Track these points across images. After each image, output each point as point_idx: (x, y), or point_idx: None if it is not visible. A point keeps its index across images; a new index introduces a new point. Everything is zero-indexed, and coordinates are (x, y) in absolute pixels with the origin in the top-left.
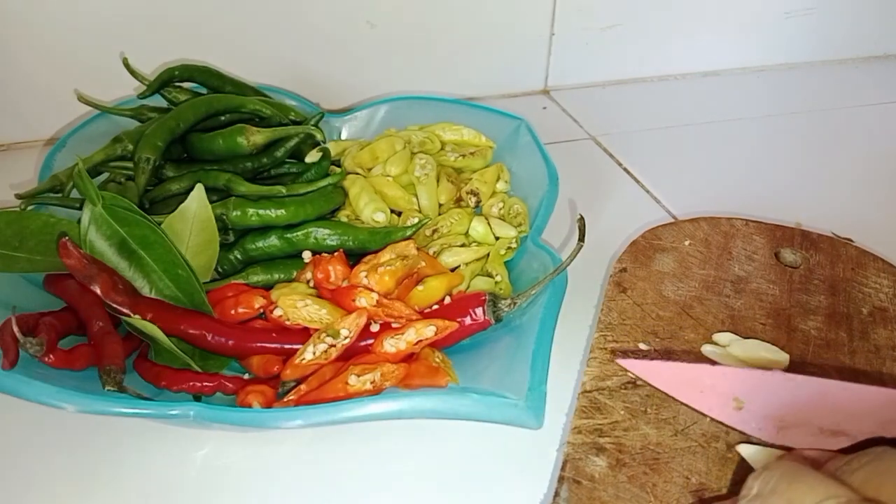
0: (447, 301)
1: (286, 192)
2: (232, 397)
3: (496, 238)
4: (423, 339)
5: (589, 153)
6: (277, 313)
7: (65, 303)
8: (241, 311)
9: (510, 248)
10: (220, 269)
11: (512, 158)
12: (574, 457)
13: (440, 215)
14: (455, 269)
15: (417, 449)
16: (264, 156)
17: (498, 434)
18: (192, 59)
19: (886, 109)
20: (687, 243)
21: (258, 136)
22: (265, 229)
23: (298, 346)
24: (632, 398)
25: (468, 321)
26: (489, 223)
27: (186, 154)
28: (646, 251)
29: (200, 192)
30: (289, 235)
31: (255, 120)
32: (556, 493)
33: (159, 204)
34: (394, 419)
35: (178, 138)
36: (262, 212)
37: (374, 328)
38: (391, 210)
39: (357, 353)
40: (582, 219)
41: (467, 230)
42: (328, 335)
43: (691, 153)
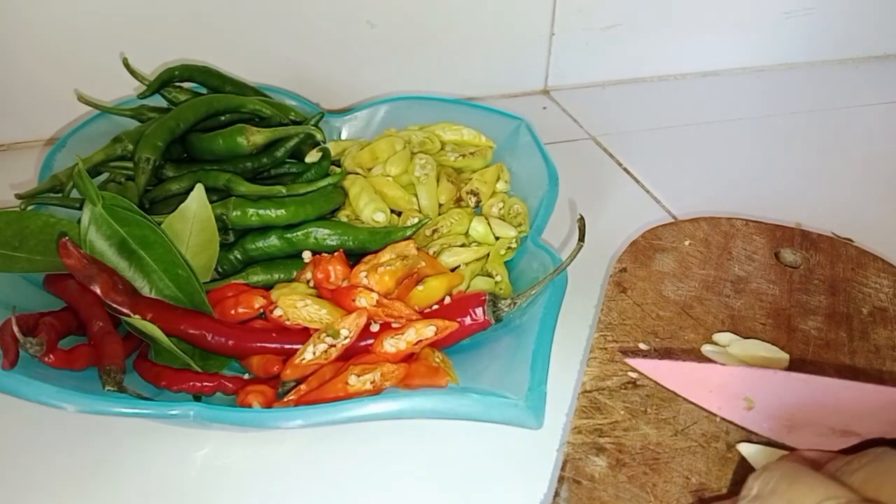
0: (447, 301)
1: (286, 192)
2: (232, 397)
3: (496, 238)
4: (423, 339)
5: (589, 153)
6: (277, 313)
7: (65, 303)
8: (241, 311)
9: (510, 248)
10: (220, 269)
11: (512, 158)
12: (574, 457)
13: (440, 215)
14: (455, 269)
15: (417, 449)
16: (264, 156)
17: (498, 434)
18: (192, 59)
19: (886, 109)
20: (687, 243)
21: (258, 136)
22: (265, 229)
23: (298, 346)
24: (632, 398)
25: (468, 321)
26: (489, 223)
27: (186, 154)
28: (646, 251)
29: (200, 192)
30: (289, 235)
31: (255, 120)
32: (556, 493)
33: (159, 204)
34: (394, 419)
35: (178, 138)
36: (262, 212)
37: (374, 328)
38: (391, 210)
39: (357, 353)
40: (582, 219)
41: (467, 230)
42: (328, 335)
43: (691, 153)
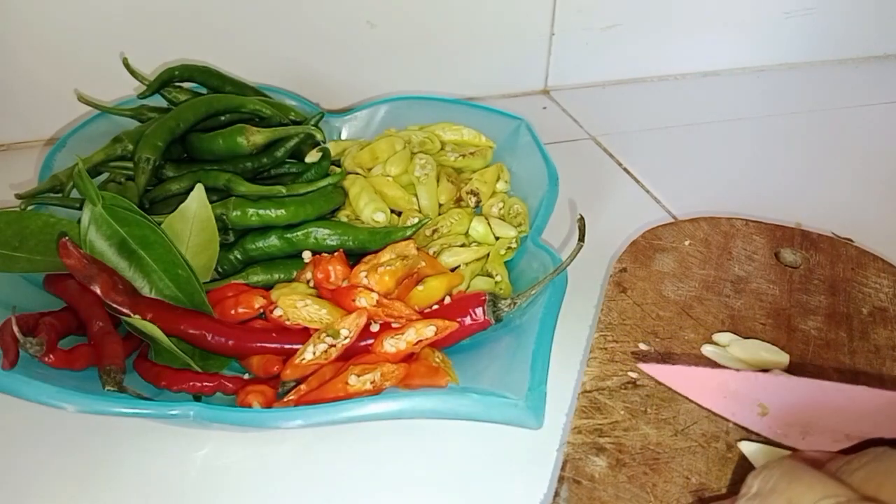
0: (447, 301)
1: (286, 192)
2: (232, 397)
3: (496, 238)
4: (423, 339)
5: (589, 153)
6: (277, 313)
7: (65, 303)
8: (241, 311)
9: (510, 248)
10: (220, 269)
11: (512, 158)
12: (574, 457)
13: (440, 215)
14: (455, 269)
15: (418, 449)
16: (264, 156)
17: (498, 434)
18: (192, 59)
19: (886, 109)
20: (687, 243)
21: (258, 136)
22: (265, 229)
23: (298, 346)
24: (632, 398)
25: (468, 321)
26: (489, 223)
27: (186, 154)
28: (646, 251)
29: (200, 192)
30: (289, 235)
31: (255, 120)
32: (556, 493)
33: (159, 204)
34: (394, 419)
35: (178, 138)
36: (262, 212)
37: (374, 328)
38: (391, 210)
39: (357, 353)
40: (582, 219)
41: (467, 230)
42: (328, 335)
43: (691, 153)
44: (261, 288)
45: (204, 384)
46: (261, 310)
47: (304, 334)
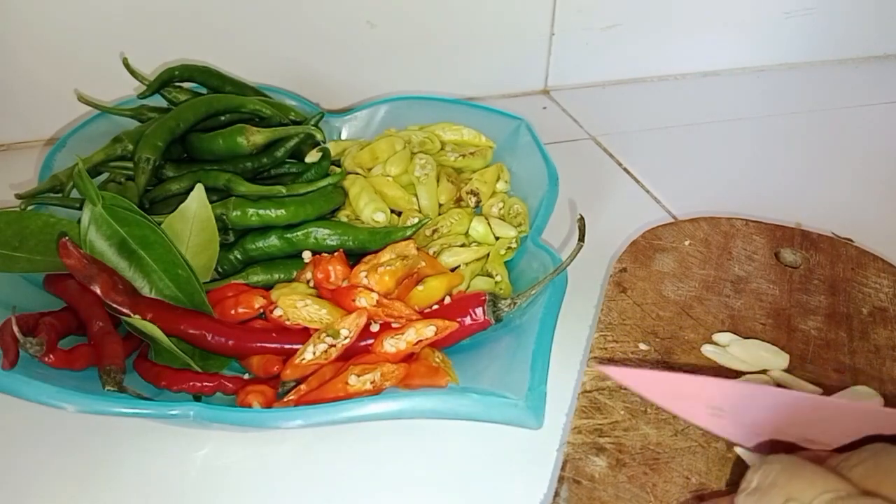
0: (447, 301)
1: (286, 192)
2: (232, 397)
3: (496, 238)
4: (423, 339)
5: (589, 153)
6: (277, 313)
7: (65, 303)
8: (241, 311)
9: (510, 248)
10: (220, 269)
11: (512, 158)
12: (574, 457)
13: (440, 215)
14: (455, 269)
15: (418, 449)
16: (264, 156)
17: (498, 434)
18: (192, 59)
19: (886, 109)
20: (687, 243)
21: (258, 136)
22: (265, 229)
23: (298, 346)
24: (632, 398)
25: (468, 321)
26: (489, 223)
27: (186, 154)
28: (646, 251)
29: (200, 192)
30: (289, 235)
31: (255, 120)
32: (556, 493)
33: (159, 204)
34: (394, 419)
35: (178, 138)
36: (262, 212)
37: (374, 328)
38: (391, 210)
39: (357, 353)
40: (582, 219)
41: (467, 230)
42: (328, 335)
43: (691, 153)
44: (261, 288)
45: (204, 384)
46: (261, 310)
47: (304, 334)
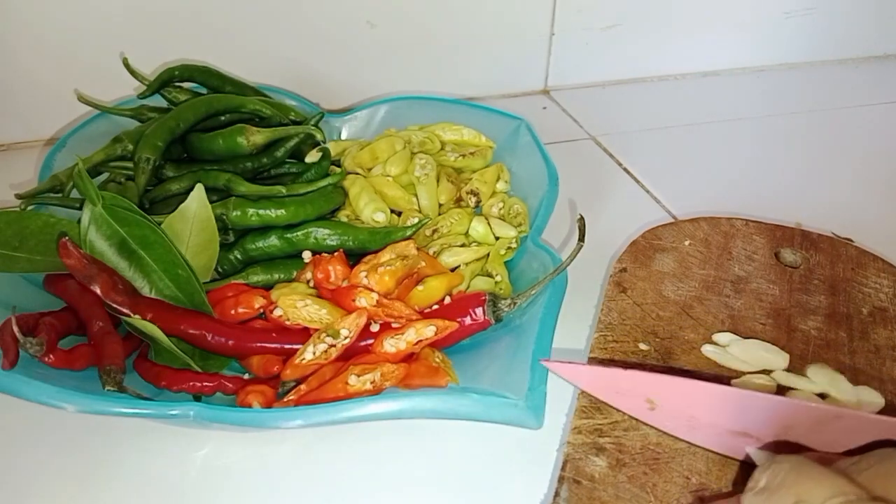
0: (447, 301)
1: (286, 192)
2: (232, 397)
3: (496, 238)
4: (423, 339)
5: (589, 153)
6: (277, 313)
7: (65, 303)
8: (241, 311)
9: (510, 248)
10: (220, 269)
11: (512, 158)
12: (574, 457)
13: (440, 215)
14: (455, 269)
15: (418, 449)
16: (264, 156)
17: (498, 434)
18: (192, 59)
19: (886, 109)
20: (687, 243)
21: (258, 136)
22: (265, 229)
23: (298, 346)
24: None
25: (468, 321)
26: (489, 223)
27: (186, 154)
28: (646, 251)
29: (200, 192)
30: (289, 235)
31: (255, 120)
32: (557, 493)
33: (159, 204)
34: (394, 419)
35: (178, 138)
36: (262, 212)
37: (374, 328)
38: (391, 210)
39: (357, 353)
40: (582, 219)
41: (467, 230)
42: (328, 335)
43: (691, 153)
44: (261, 288)
45: (204, 384)
46: (261, 310)
47: (304, 334)
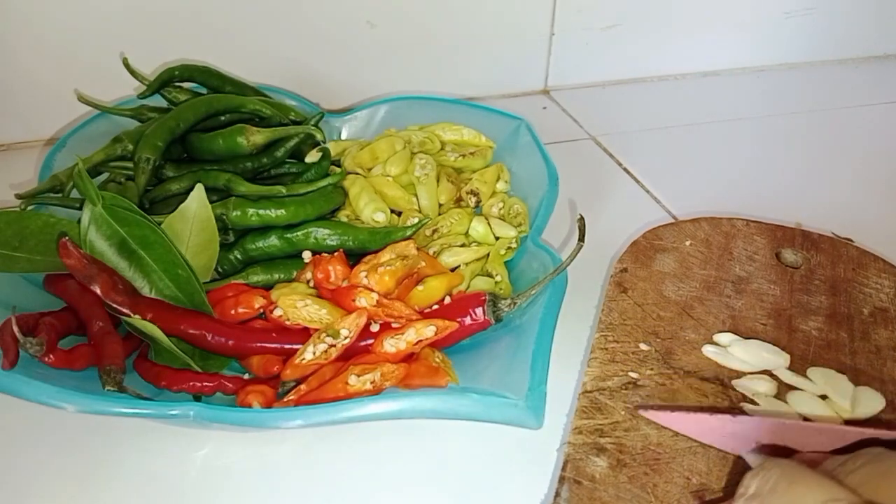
0: (447, 301)
1: (286, 192)
2: (232, 397)
3: (496, 238)
4: (423, 339)
5: (589, 153)
6: (277, 313)
7: (65, 303)
8: (241, 311)
9: (510, 248)
10: (220, 269)
11: (512, 158)
12: (575, 457)
13: (440, 215)
14: (455, 269)
15: (418, 449)
16: (264, 156)
17: (498, 434)
18: (192, 59)
19: (886, 109)
20: (688, 243)
21: (258, 136)
22: (265, 229)
23: (298, 346)
24: (632, 398)
25: (468, 321)
26: (489, 223)
27: (186, 154)
28: (646, 251)
29: (200, 192)
30: (289, 235)
31: (255, 120)
32: (557, 494)
33: (159, 204)
34: (394, 419)
35: (178, 138)
36: (262, 212)
37: (374, 328)
38: (391, 210)
39: (357, 353)
40: (582, 219)
41: (467, 230)
42: (328, 335)
43: (691, 153)
44: (261, 288)
45: (204, 384)
46: (261, 310)
47: (304, 334)
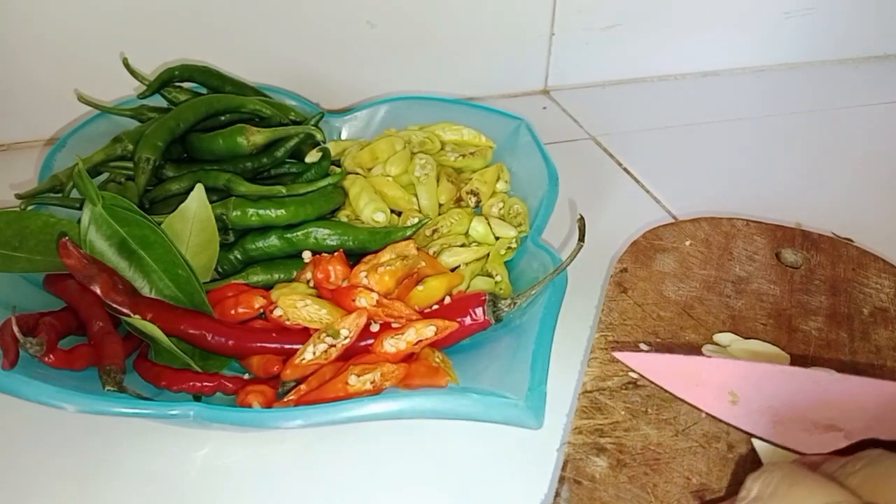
0: (447, 301)
1: (286, 192)
2: (232, 397)
3: (496, 238)
4: (423, 339)
5: (589, 153)
6: (277, 313)
7: (65, 303)
8: (241, 311)
9: (510, 248)
10: (220, 269)
11: (512, 158)
12: (575, 457)
13: (440, 215)
14: (455, 269)
15: (418, 449)
16: (264, 156)
17: (498, 434)
18: (192, 59)
19: (886, 109)
20: (688, 243)
21: (258, 136)
22: (265, 229)
23: (298, 346)
24: (632, 398)
25: (468, 321)
26: (489, 223)
27: (186, 154)
28: (646, 251)
29: (200, 192)
30: (289, 235)
31: (255, 120)
32: (557, 494)
33: (159, 204)
34: (394, 419)
35: (178, 138)
36: (262, 212)
37: (374, 328)
38: (391, 210)
39: (357, 353)
40: (582, 219)
41: (467, 230)
42: (328, 335)
43: (691, 153)
44: (261, 288)
45: (204, 384)
46: (261, 310)
47: (304, 334)
